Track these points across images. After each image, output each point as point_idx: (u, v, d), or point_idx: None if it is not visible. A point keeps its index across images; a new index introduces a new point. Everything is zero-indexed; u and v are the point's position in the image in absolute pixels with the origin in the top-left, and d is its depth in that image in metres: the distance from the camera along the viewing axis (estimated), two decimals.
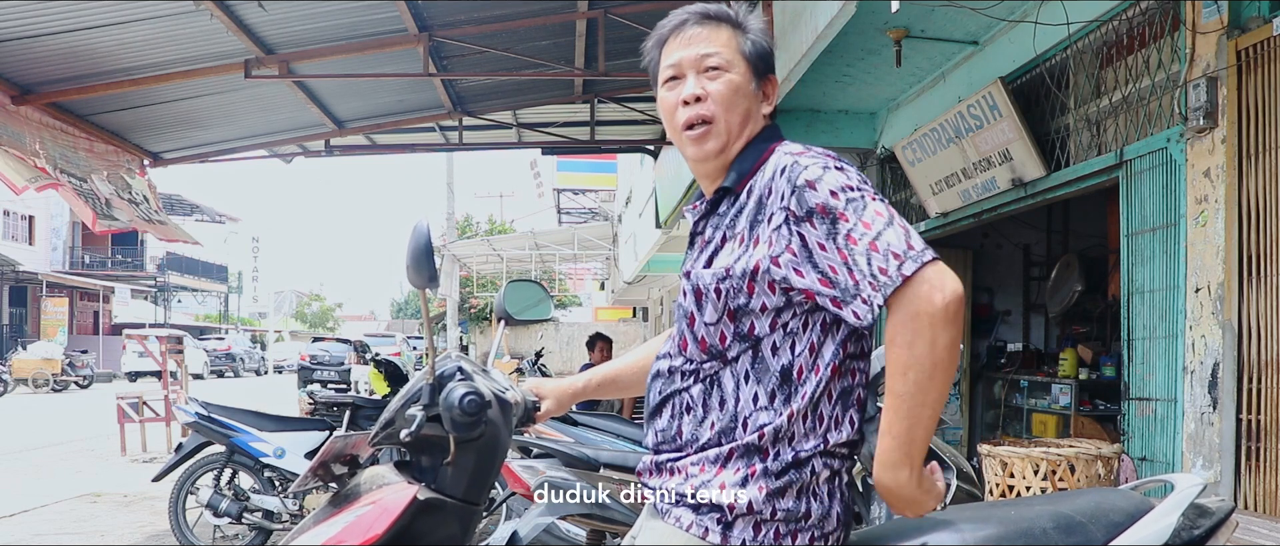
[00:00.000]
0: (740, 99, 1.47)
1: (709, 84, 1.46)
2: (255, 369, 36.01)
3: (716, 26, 1.50)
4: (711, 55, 1.47)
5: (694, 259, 1.47)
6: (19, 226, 32.19)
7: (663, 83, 1.51)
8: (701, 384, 1.40)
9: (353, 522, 1.49)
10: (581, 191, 23.00)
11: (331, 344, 21.65)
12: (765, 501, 1.34)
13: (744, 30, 1.52)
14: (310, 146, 8.81)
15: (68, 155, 6.20)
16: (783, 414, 1.35)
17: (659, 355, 1.51)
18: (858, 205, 1.29)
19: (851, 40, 5.42)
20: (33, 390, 22.12)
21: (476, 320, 29.08)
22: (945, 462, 3.03)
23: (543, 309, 2.05)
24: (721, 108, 1.46)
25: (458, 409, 1.49)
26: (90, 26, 5.20)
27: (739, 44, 1.49)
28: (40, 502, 7.21)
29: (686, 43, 1.50)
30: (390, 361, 6.42)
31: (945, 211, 6.20)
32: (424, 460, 1.58)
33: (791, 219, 1.32)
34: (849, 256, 1.27)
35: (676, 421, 1.42)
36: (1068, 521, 1.42)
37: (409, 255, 1.48)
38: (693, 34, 1.50)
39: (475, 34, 6.36)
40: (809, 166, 1.34)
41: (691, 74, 1.48)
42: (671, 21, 1.53)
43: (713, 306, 1.38)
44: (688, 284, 1.44)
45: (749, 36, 1.51)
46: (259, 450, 5.26)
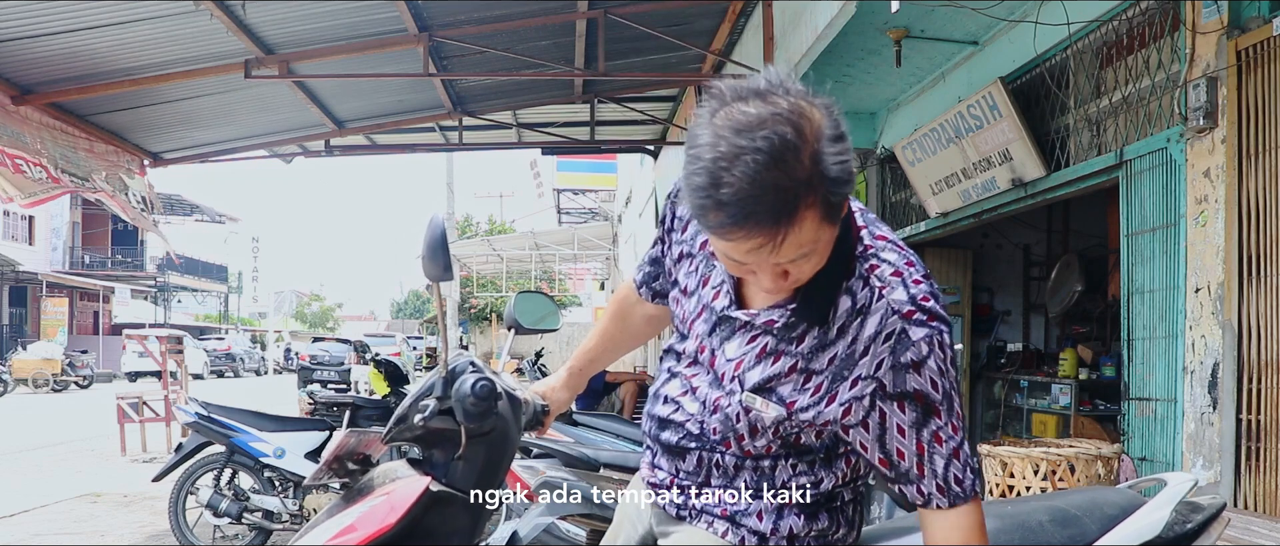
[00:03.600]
0: (823, 254, 1.16)
1: (794, 267, 1.15)
2: (255, 369, 36.01)
3: (791, 227, 1.06)
4: (796, 259, 1.12)
5: (737, 358, 1.30)
6: (19, 226, 32.18)
7: (723, 255, 1.17)
8: (751, 457, 1.38)
9: (365, 513, 1.52)
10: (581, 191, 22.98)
11: (331, 344, 21.65)
12: (804, 525, 1.37)
13: (817, 192, 1.06)
14: (310, 146, 8.81)
15: (68, 155, 6.20)
16: (822, 476, 1.38)
17: (667, 397, 1.44)
18: (951, 401, 1.23)
19: (851, 40, 5.42)
20: (33, 390, 22.11)
21: (476, 320, 29.08)
22: None
23: (552, 320, 2.09)
24: (810, 276, 1.19)
25: (470, 395, 1.52)
26: (90, 26, 5.20)
27: (821, 214, 1.08)
28: (40, 502, 7.20)
29: (751, 253, 1.10)
30: (390, 361, 6.42)
31: (945, 211, 6.20)
32: (436, 454, 1.61)
33: (881, 393, 1.22)
34: (927, 452, 1.24)
35: (704, 470, 1.40)
36: (1063, 515, 1.47)
37: (425, 247, 1.51)
38: (760, 247, 1.08)
39: (475, 34, 6.37)
40: (918, 342, 1.19)
41: (764, 262, 1.12)
42: (710, 213, 1.06)
43: (766, 438, 1.33)
44: (732, 395, 1.30)
45: (828, 195, 1.07)
46: (259, 450, 5.25)
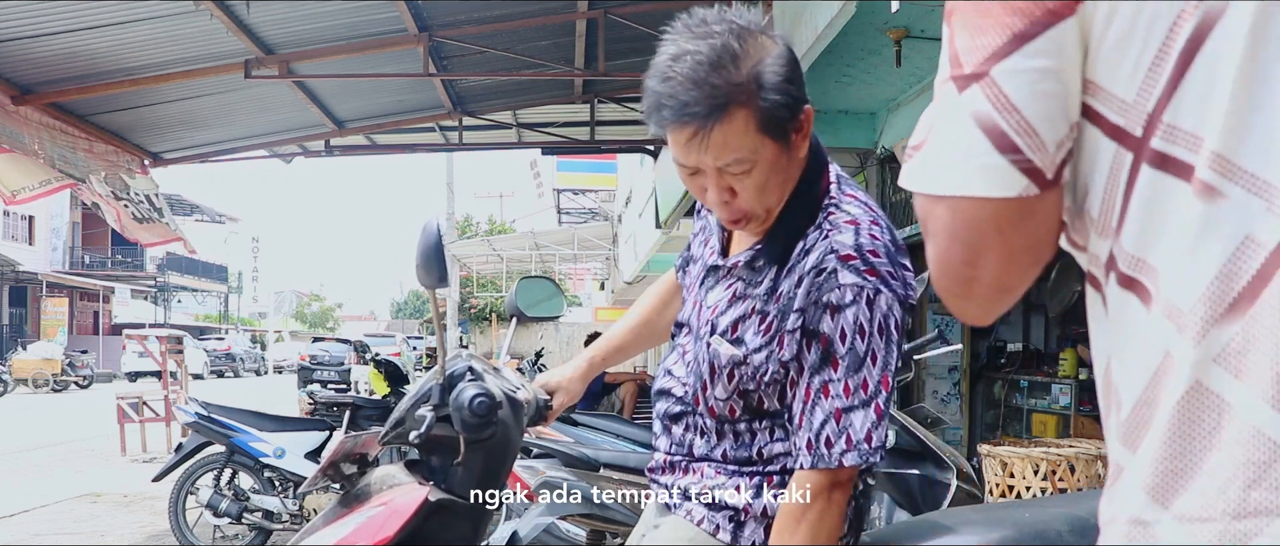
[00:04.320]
0: (776, 179, 1.24)
1: (736, 182, 1.22)
2: (255, 369, 36.01)
3: (718, 121, 1.16)
4: (730, 163, 1.20)
5: (715, 303, 1.36)
6: (19, 226, 32.18)
7: (675, 162, 1.26)
8: (716, 418, 1.38)
9: (364, 524, 1.49)
10: (581, 191, 22.98)
11: (331, 344, 21.65)
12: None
13: (750, 98, 1.16)
14: (310, 146, 8.80)
15: (67, 155, 6.20)
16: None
17: (668, 371, 1.46)
18: (857, 361, 1.21)
19: (851, 40, 5.42)
20: (33, 390, 22.11)
21: (476, 320, 29.08)
22: (945, 462, 3.03)
23: (554, 304, 2.02)
24: (756, 203, 1.25)
25: (467, 410, 1.47)
26: (90, 26, 5.20)
27: (755, 122, 1.17)
28: (40, 502, 7.21)
29: (688, 149, 1.19)
30: (390, 361, 6.43)
31: None
32: (434, 459, 1.58)
33: (802, 329, 1.25)
34: (811, 402, 1.24)
35: (690, 436, 1.41)
36: (1082, 524, 1.36)
37: (419, 255, 1.45)
38: (691, 139, 1.18)
39: (475, 34, 6.37)
40: (844, 287, 1.21)
41: (711, 174, 1.22)
42: (656, 111, 1.19)
43: (723, 387, 1.34)
44: (706, 335, 1.35)
45: (760, 99, 1.16)
46: (259, 450, 5.26)
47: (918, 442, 2.89)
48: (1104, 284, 0.69)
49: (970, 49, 0.64)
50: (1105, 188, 0.66)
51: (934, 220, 0.68)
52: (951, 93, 0.65)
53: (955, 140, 0.65)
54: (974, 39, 0.64)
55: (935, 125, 0.67)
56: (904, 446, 2.89)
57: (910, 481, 2.85)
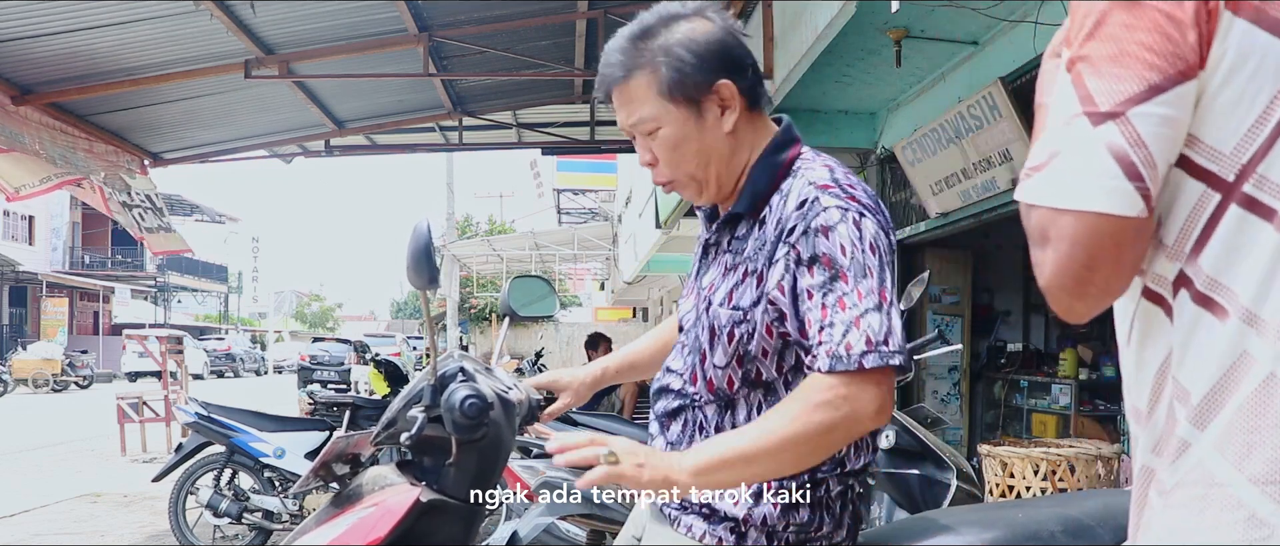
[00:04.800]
0: (688, 146, 1.33)
1: (651, 144, 1.35)
2: (255, 369, 36.00)
3: (626, 81, 1.32)
4: (638, 122, 1.34)
5: (710, 282, 1.40)
6: (19, 226, 32.19)
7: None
8: (716, 406, 1.38)
9: (355, 525, 1.48)
10: (581, 191, 23.00)
11: (331, 344, 21.65)
12: (780, 516, 1.32)
13: (654, 64, 1.31)
14: (310, 146, 8.80)
15: (67, 155, 6.20)
16: None
17: (667, 367, 1.47)
18: (863, 270, 1.22)
19: (851, 40, 5.41)
20: (33, 390, 22.11)
21: (476, 320, 29.07)
22: (945, 462, 3.03)
23: (547, 304, 2.01)
24: (671, 168, 1.36)
25: (459, 412, 1.46)
26: (90, 26, 5.20)
27: (656, 86, 1.31)
28: (40, 502, 7.21)
29: (617, 113, 1.37)
30: (390, 361, 6.43)
31: (945, 211, 6.20)
32: (426, 460, 1.57)
33: (795, 259, 1.25)
34: (829, 317, 1.21)
35: (689, 436, 1.40)
36: (1076, 525, 1.39)
37: (409, 256, 1.43)
38: (614, 102, 1.35)
39: (475, 34, 6.37)
40: (829, 209, 1.25)
41: (636, 137, 1.37)
42: (597, 86, 1.40)
43: (723, 350, 1.33)
44: (703, 311, 1.38)
45: (662, 65, 1.30)
46: (259, 450, 5.26)
47: (918, 442, 2.89)
48: (1171, 298, 0.84)
49: (1106, 91, 0.78)
50: (1185, 219, 0.81)
51: (1057, 229, 0.81)
52: (1085, 125, 0.79)
53: (1087, 165, 0.79)
54: (1111, 84, 0.79)
55: (1064, 151, 0.81)
56: (904, 446, 2.89)
57: (910, 481, 2.85)
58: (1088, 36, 0.80)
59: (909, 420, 2.99)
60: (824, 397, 1.19)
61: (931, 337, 3.24)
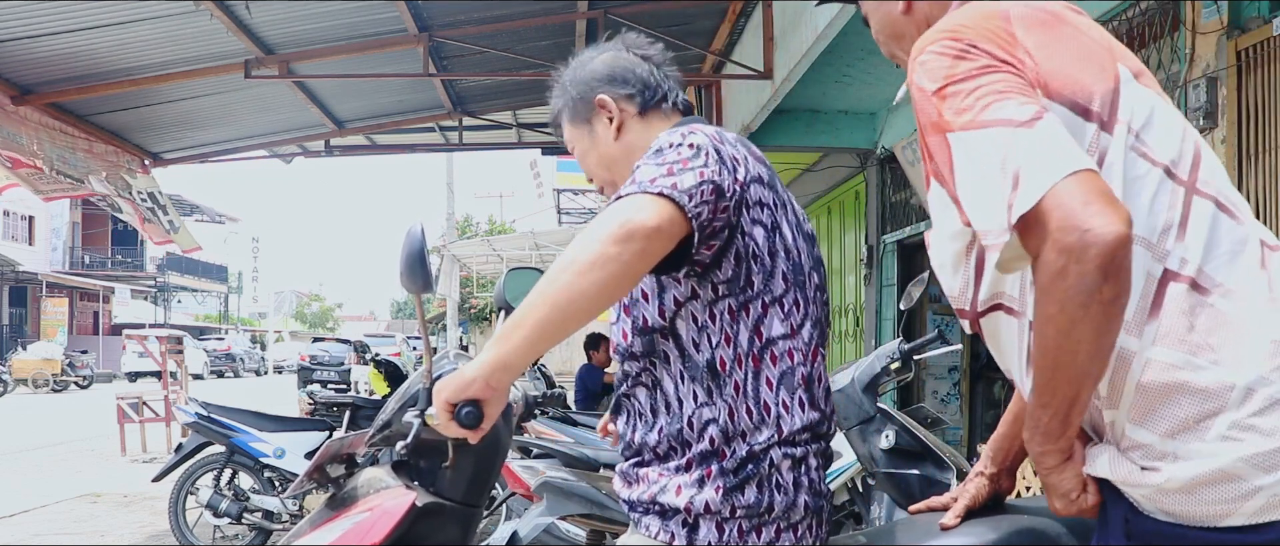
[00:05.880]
0: (591, 156, 1.56)
1: (586, 166, 1.59)
2: (255, 369, 36.00)
3: (559, 119, 1.61)
4: (570, 148, 1.60)
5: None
6: (19, 226, 32.18)
7: None
8: (645, 388, 1.39)
9: (351, 528, 1.47)
10: (581, 191, 22.95)
11: (331, 344, 21.65)
12: (722, 500, 1.30)
13: (564, 99, 1.58)
14: (310, 146, 8.81)
15: (66, 156, 6.21)
16: (723, 409, 1.32)
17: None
18: (661, 156, 1.30)
19: (851, 40, 5.42)
20: (33, 390, 22.12)
21: (477, 320, 29.08)
22: (945, 462, 3.03)
23: None
24: (592, 176, 1.58)
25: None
26: (90, 27, 5.20)
27: (567, 115, 1.58)
28: (40, 502, 7.21)
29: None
30: (390, 361, 6.43)
31: None
32: (422, 461, 1.57)
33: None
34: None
35: (631, 428, 1.42)
36: (1077, 523, 1.36)
37: (402, 262, 1.43)
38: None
39: (475, 34, 6.37)
40: (673, 131, 1.38)
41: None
42: None
43: (622, 312, 1.42)
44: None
45: (567, 99, 1.57)
46: (259, 450, 5.26)
47: (918, 442, 2.89)
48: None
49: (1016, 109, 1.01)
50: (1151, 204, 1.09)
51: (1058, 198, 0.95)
52: (1027, 133, 0.99)
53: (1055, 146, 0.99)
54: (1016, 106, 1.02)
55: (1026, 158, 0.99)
56: (904, 446, 2.88)
57: (910, 481, 2.85)
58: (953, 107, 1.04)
59: (909, 420, 2.98)
60: (606, 212, 1.27)
61: (931, 337, 3.23)
